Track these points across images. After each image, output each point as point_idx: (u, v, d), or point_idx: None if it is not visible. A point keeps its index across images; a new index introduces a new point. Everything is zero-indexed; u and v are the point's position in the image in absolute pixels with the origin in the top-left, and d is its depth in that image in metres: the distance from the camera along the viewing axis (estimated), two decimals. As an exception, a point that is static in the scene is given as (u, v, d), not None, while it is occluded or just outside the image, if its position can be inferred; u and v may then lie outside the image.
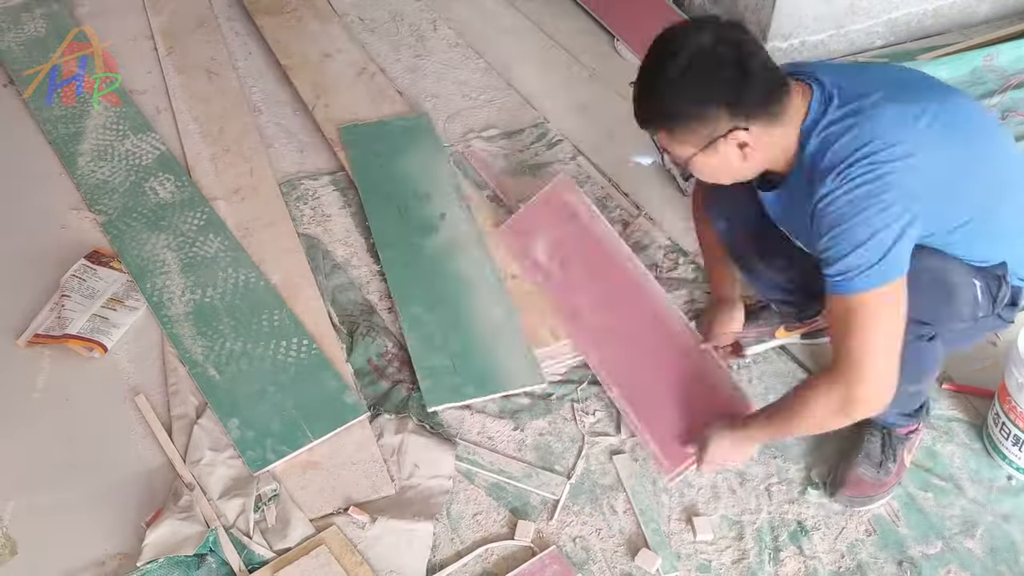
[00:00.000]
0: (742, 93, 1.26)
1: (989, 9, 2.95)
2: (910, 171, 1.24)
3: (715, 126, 1.28)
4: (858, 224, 1.24)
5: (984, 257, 1.42)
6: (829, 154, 1.26)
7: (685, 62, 1.25)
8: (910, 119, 1.26)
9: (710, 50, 1.25)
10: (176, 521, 1.58)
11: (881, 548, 1.60)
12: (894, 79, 1.35)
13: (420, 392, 1.83)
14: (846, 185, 1.24)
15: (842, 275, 1.26)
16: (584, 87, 2.70)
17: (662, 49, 1.30)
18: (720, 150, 1.30)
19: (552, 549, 1.57)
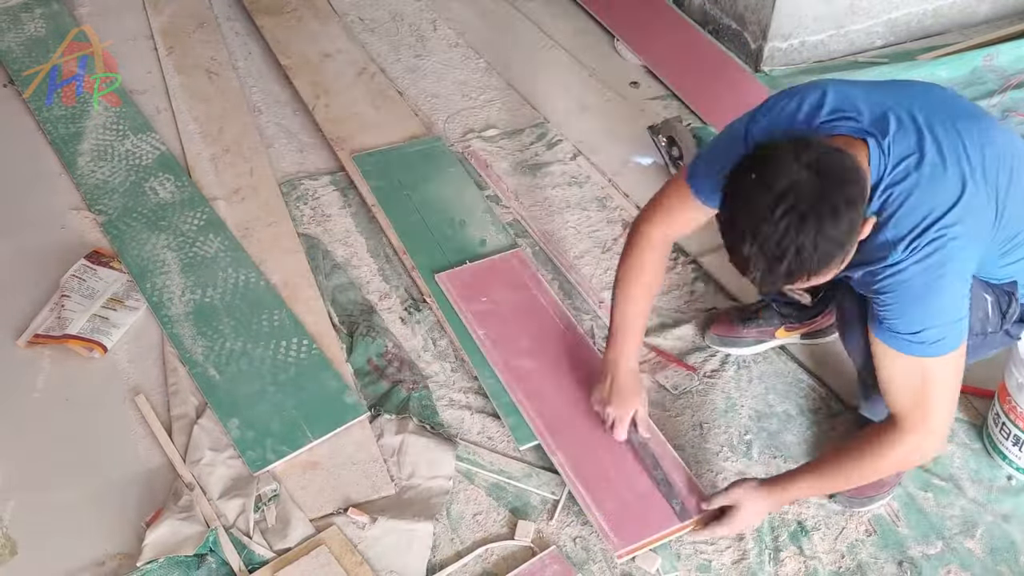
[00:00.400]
0: (861, 195, 1.19)
1: (989, 9, 2.96)
2: (970, 231, 1.25)
3: (854, 237, 1.20)
4: (936, 296, 1.25)
5: (999, 276, 1.43)
6: (893, 220, 1.25)
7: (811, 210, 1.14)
8: (960, 173, 1.26)
9: (815, 184, 1.14)
10: (176, 521, 1.57)
11: (881, 548, 1.60)
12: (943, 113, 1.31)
13: (420, 393, 1.83)
14: (916, 255, 1.24)
15: (921, 343, 1.28)
16: (584, 87, 2.71)
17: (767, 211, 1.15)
18: (853, 248, 1.23)
19: (552, 549, 1.57)
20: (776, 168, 1.16)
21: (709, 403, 1.83)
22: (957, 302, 1.28)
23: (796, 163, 1.15)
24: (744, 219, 1.18)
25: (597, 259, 2.15)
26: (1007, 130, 1.39)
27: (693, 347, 1.94)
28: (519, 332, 1.92)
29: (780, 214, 1.13)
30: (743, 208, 1.18)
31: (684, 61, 2.77)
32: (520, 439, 1.74)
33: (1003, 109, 2.55)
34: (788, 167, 1.15)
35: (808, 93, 1.36)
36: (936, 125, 1.29)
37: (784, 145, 1.19)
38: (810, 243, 1.14)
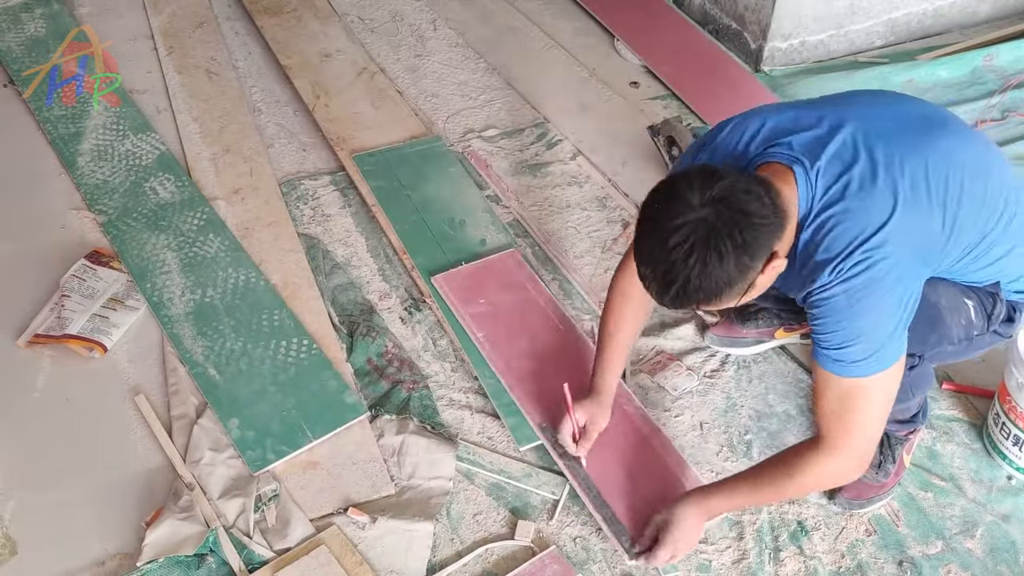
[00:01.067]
0: (760, 239, 1.20)
1: (989, 9, 2.96)
2: (904, 251, 1.25)
3: (751, 275, 1.23)
4: (857, 316, 1.26)
5: (978, 278, 1.43)
6: (823, 246, 1.27)
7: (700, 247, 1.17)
8: (897, 190, 1.26)
9: (712, 222, 1.17)
10: (176, 521, 1.57)
11: (881, 548, 1.60)
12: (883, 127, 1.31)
13: (420, 392, 1.83)
14: (842, 277, 1.25)
15: (840, 361, 1.28)
16: (584, 87, 2.71)
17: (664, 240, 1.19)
18: (757, 284, 1.26)
19: (552, 549, 1.57)
20: (677, 202, 1.20)
21: (709, 403, 1.83)
22: (883, 323, 1.26)
23: (699, 198, 1.18)
24: (643, 244, 1.23)
25: (597, 259, 2.15)
26: (967, 135, 1.37)
27: (693, 347, 1.94)
28: (518, 332, 1.92)
29: (671, 246, 1.18)
30: (644, 234, 1.23)
31: (684, 61, 2.77)
32: (520, 439, 1.74)
33: (1003, 109, 2.55)
34: (689, 202, 1.18)
35: (749, 123, 1.38)
36: (875, 142, 1.28)
37: (694, 178, 1.21)
38: (695, 277, 1.18)
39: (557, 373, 1.80)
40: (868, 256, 1.24)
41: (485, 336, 1.90)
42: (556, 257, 2.15)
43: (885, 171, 1.26)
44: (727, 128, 1.41)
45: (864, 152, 1.28)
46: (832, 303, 1.27)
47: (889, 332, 1.27)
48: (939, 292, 1.40)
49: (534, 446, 1.74)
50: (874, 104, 1.39)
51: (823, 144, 1.30)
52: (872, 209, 1.25)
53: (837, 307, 1.27)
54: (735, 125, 1.41)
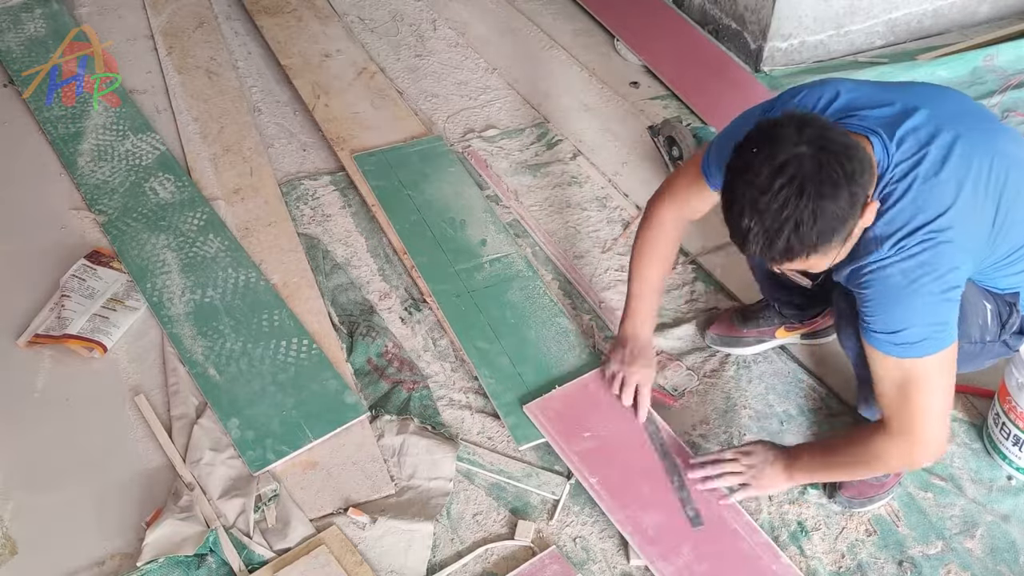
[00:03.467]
0: (862, 177, 1.18)
1: (989, 9, 2.96)
2: (962, 240, 1.25)
3: (856, 216, 1.20)
4: (915, 296, 1.24)
5: (1001, 285, 1.43)
6: (886, 218, 1.25)
7: (810, 184, 1.13)
8: (965, 177, 1.26)
9: (816, 158, 1.14)
10: (176, 521, 1.57)
11: (881, 548, 1.60)
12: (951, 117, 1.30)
13: (420, 392, 1.83)
14: (902, 254, 1.24)
15: (900, 343, 1.27)
16: (584, 87, 2.71)
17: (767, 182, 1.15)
18: (854, 233, 1.23)
19: (552, 549, 1.57)
20: (777, 142, 1.16)
21: (709, 403, 1.83)
22: (939, 305, 1.25)
23: (798, 138, 1.16)
24: (744, 192, 1.17)
25: (597, 259, 2.15)
26: (1020, 140, 1.38)
27: (693, 347, 1.94)
28: (636, 476, 1.64)
29: (779, 187, 1.14)
30: (743, 181, 1.18)
31: (684, 61, 2.77)
32: (519, 438, 1.74)
33: (1003, 109, 2.55)
34: (789, 142, 1.15)
35: (823, 91, 1.37)
36: (944, 130, 1.28)
37: (787, 122, 1.19)
38: (809, 217, 1.14)
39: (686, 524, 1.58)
40: (932, 237, 1.23)
41: (599, 482, 1.64)
42: (556, 257, 2.15)
43: (955, 159, 1.26)
44: (799, 95, 1.38)
45: (937, 137, 1.27)
46: (888, 282, 1.25)
47: (946, 313, 1.26)
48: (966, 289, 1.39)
49: (533, 445, 1.74)
50: (941, 94, 1.38)
51: (898, 123, 1.28)
52: (938, 193, 1.24)
53: (893, 286, 1.24)
54: (808, 92, 1.38)
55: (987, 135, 1.32)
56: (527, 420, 1.76)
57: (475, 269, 2.08)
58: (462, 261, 2.10)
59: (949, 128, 1.28)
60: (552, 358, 1.89)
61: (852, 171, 1.16)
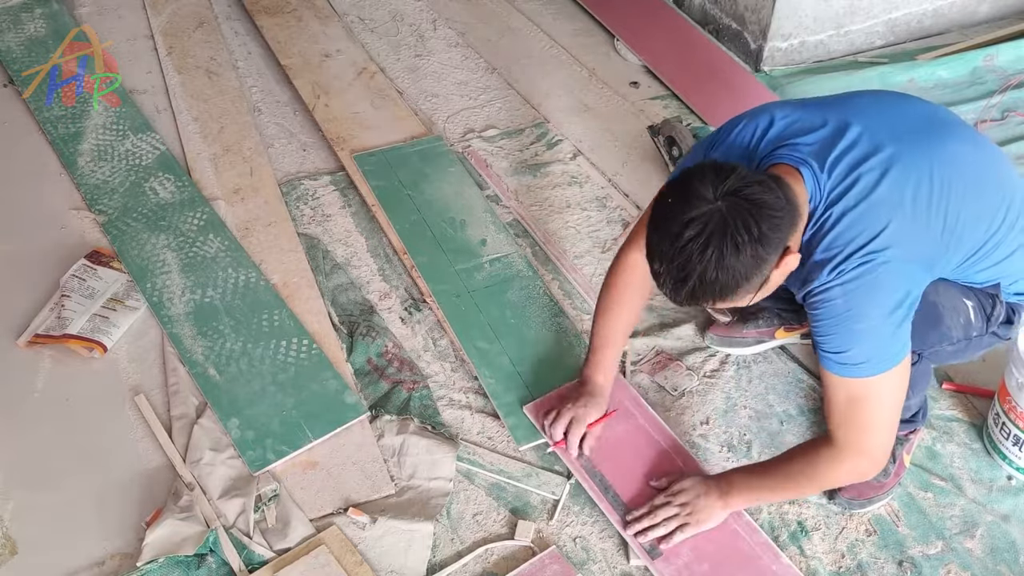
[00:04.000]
0: (776, 232, 1.20)
1: (989, 9, 2.96)
2: (905, 255, 1.25)
3: (768, 268, 1.23)
4: (856, 319, 1.26)
5: (978, 280, 1.43)
6: (823, 244, 1.27)
7: (715, 240, 1.17)
8: (902, 195, 1.26)
9: (725, 215, 1.17)
10: (176, 521, 1.57)
11: (881, 548, 1.60)
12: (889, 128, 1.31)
13: (420, 392, 1.83)
14: (842, 279, 1.25)
15: (844, 364, 1.29)
16: (584, 87, 2.71)
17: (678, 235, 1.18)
18: (772, 280, 1.26)
19: (552, 549, 1.57)
20: (691, 196, 1.19)
21: (709, 403, 1.83)
22: (882, 326, 1.26)
23: (712, 192, 1.18)
24: (655, 240, 1.22)
25: (597, 259, 2.15)
26: (970, 138, 1.38)
27: (693, 347, 1.94)
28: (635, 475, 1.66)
29: (685, 240, 1.18)
30: (657, 229, 1.23)
31: (684, 61, 2.78)
32: (519, 439, 1.74)
33: (1003, 109, 2.55)
34: (703, 196, 1.18)
35: (759, 120, 1.38)
36: (880, 147, 1.28)
37: (705, 172, 1.21)
38: (712, 271, 1.18)
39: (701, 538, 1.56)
40: (868, 259, 1.24)
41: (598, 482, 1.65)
42: (556, 257, 2.15)
43: (889, 175, 1.26)
44: (737, 127, 1.41)
45: (870, 156, 1.28)
46: (831, 305, 1.27)
47: (890, 333, 1.27)
48: (939, 292, 1.41)
49: (533, 445, 1.74)
50: (879, 105, 1.39)
51: (830, 146, 1.30)
52: (875, 212, 1.25)
53: (835, 309, 1.27)
54: (745, 123, 1.41)
55: (925, 141, 1.31)
56: (527, 420, 1.75)
57: (475, 269, 2.08)
58: (462, 261, 2.10)
59: (885, 144, 1.29)
60: (552, 358, 1.89)
61: (760, 231, 1.18)
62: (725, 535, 1.56)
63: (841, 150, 1.29)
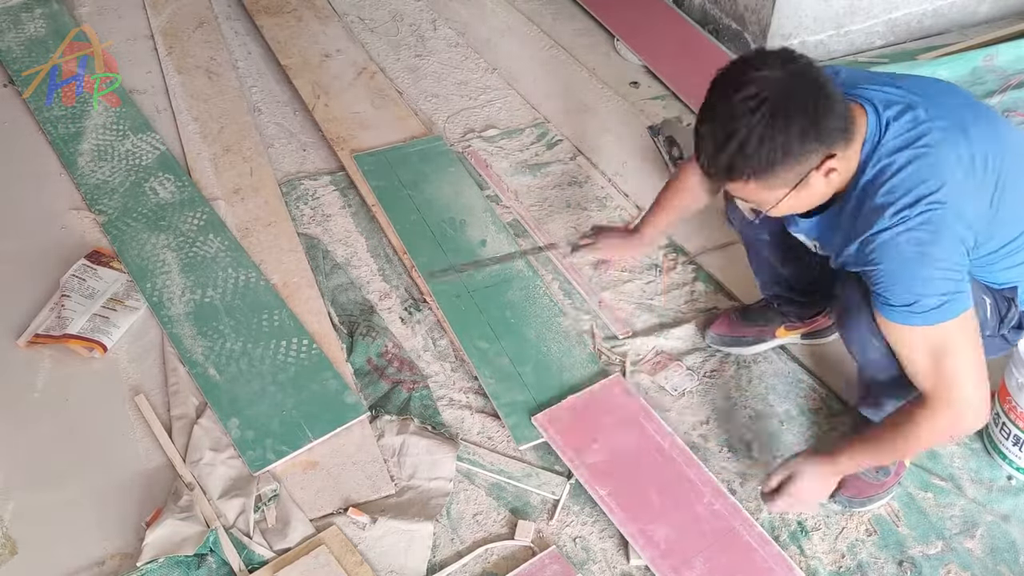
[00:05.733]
0: (828, 122, 1.20)
1: (989, 9, 2.96)
2: (961, 210, 1.25)
3: (809, 162, 1.23)
4: (929, 263, 1.24)
5: (1000, 280, 1.43)
6: (885, 188, 1.25)
7: (770, 104, 1.17)
8: (961, 159, 1.26)
9: (788, 86, 1.17)
10: (176, 521, 1.57)
11: (881, 548, 1.60)
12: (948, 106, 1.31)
13: (420, 392, 1.83)
14: (907, 223, 1.24)
15: (921, 311, 1.26)
16: (584, 87, 2.71)
17: (733, 93, 1.19)
18: (811, 183, 1.26)
19: (552, 549, 1.57)
20: (758, 63, 1.20)
21: (709, 403, 1.83)
22: (950, 270, 1.25)
23: (780, 64, 1.18)
24: (708, 97, 1.23)
25: (597, 259, 2.15)
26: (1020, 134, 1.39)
27: (693, 347, 1.94)
28: (647, 487, 1.64)
29: (740, 97, 1.18)
30: (713, 89, 1.23)
31: (684, 61, 2.78)
32: (519, 438, 1.74)
33: (1003, 109, 2.55)
34: (769, 67, 1.19)
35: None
36: (943, 115, 1.29)
37: (779, 52, 1.22)
38: (756, 138, 1.18)
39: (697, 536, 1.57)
40: (933, 207, 1.23)
41: (609, 494, 1.62)
42: (556, 257, 2.15)
43: (952, 136, 1.26)
44: None
45: (936, 119, 1.28)
46: (899, 251, 1.24)
47: (958, 278, 1.26)
48: None
49: (533, 445, 1.74)
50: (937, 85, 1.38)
51: (897, 101, 1.29)
52: (938, 165, 1.25)
53: (904, 256, 1.24)
54: None
55: (986, 123, 1.32)
56: (527, 420, 1.75)
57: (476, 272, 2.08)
58: (462, 261, 2.10)
59: (948, 114, 1.29)
60: (552, 358, 1.89)
61: (817, 112, 1.18)
62: (738, 547, 1.54)
63: (907, 105, 1.28)
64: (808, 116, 1.18)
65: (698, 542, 1.55)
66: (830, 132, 1.21)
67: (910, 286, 1.25)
